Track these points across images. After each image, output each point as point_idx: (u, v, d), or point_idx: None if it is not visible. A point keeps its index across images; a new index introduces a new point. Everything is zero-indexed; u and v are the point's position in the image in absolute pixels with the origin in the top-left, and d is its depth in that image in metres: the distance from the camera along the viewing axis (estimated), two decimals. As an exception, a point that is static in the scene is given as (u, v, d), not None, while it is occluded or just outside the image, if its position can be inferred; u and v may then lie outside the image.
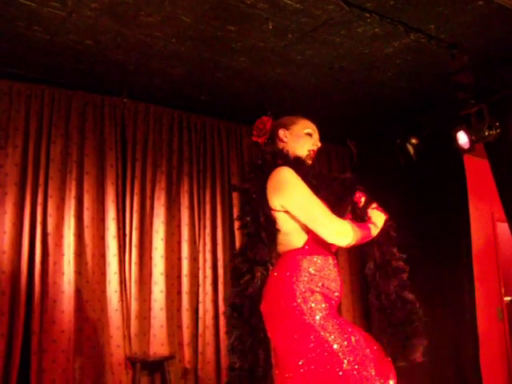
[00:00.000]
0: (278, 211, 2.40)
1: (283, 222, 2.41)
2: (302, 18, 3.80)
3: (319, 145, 2.67)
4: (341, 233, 2.33)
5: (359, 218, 2.51)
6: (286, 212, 2.40)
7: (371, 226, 2.45)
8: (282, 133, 2.64)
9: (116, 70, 4.60)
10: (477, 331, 5.39)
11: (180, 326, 5.10)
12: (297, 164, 2.48)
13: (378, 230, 2.48)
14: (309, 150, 2.62)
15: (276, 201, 2.39)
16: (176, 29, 3.93)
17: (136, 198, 5.00)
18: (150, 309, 4.95)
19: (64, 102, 4.79)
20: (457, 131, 5.03)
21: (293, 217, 2.40)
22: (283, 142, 2.63)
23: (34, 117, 4.62)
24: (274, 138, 2.67)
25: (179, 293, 5.15)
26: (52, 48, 4.19)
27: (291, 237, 2.42)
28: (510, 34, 4.11)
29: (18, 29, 3.89)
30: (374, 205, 2.57)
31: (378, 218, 2.51)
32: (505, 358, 6.42)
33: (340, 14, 3.75)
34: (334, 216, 2.36)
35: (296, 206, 2.37)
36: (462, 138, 5.02)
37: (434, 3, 3.67)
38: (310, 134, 2.64)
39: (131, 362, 4.70)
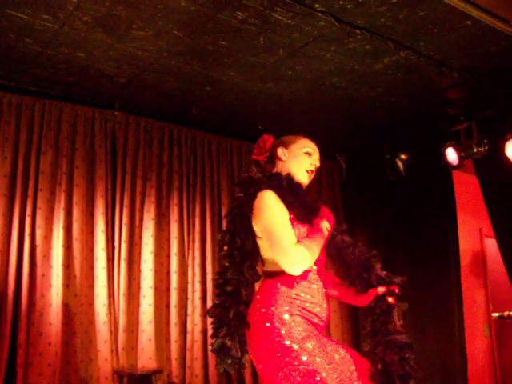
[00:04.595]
0: (260, 237, 2.41)
1: (266, 246, 2.40)
2: (293, 33, 3.84)
3: (318, 165, 2.63)
4: (296, 263, 2.25)
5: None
6: None
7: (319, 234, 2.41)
8: (280, 151, 2.61)
9: (107, 82, 4.61)
10: (465, 347, 5.40)
11: (168, 340, 5.07)
12: (282, 185, 2.46)
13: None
14: (307, 170, 2.59)
15: (254, 226, 2.40)
16: (168, 43, 3.96)
17: (125, 211, 4.99)
18: (138, 322, 4.92)
19: (55, 113, 4.78)
20: (446, 147, 5.08)
21: None
22: (281, 160, 2.60)
23: (24, 128, 4.61)
24: (273, 156, 2.64)
25: (168, 306, 5.12)
26: (43, 60, 4.20)
27: (273, 261, 2.38)
28: (497, 52, 4.17)
29: (10, 41, 3.90)
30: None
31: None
32: (492, 373, 6.42)
33: (331, 30, 3.79)
34: (293, 245, 2.28)
35: (263, 233, 2.37)
36: (451, 155, 5.08)
37: (423, 21, 3.72)
38: (308, 154, 2.60)
39: (118, 375, 4.66)
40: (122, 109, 5.06)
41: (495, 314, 6.74)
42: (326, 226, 2.46)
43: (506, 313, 6.89)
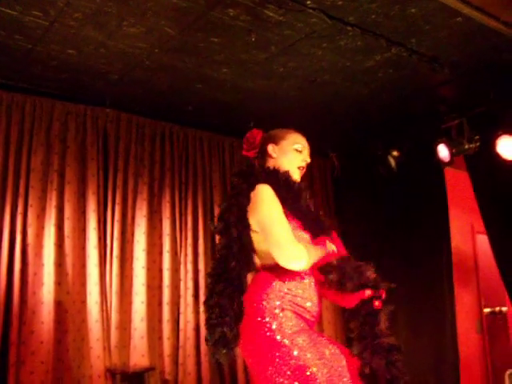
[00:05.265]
0: (254, 231, 2.40)
1: (260, 240, 2.40)
2: (284, 30, 3.83)
3: (308, 161, 2.64)
4: (293, 258, 2.28)
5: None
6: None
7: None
8: (270, 148, 2.60)
9: (99, 79, 4.59)
10: (457, 343, 5.42)
11: (161, 338, 5.06)
12: (279, 181, 2.47)
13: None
14: (298, 167, 2.60)
15: (250, 219, 2.40)
16: (159, 40, 3.94)
17: (117, 208, 4.97)
18: (130, 320, 4.91)
19: (46, 111, 4.76)
20: (437, 144, 5.10)
21: None
22: (272, 157, 2.60)
23: (15, 126, 4.58)
24: (263, 152, 2.63)
25: (160, 304, 5.11)
26: (34, 57, 4.18)
27: (267, 255, 2.39)
28: (489, 49, 4.18)
29: (0, 37, 3.87)
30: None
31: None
32: (484, 368, 6.46)
33: (322, 27, 3.79)
34: (292, 241, 2.31)
35: (260, 226, 2.37)
36: (443, 151, 5.09)
37: (414, 18, 3.72)
38: (299, 150, 2.61)
39: (111, 373, 4.65)
40: (113, 106, 5.04)
41: (487, 310, 6.77)
42: (332, 248, 2.48)
43: (497, 308, 6.94)
